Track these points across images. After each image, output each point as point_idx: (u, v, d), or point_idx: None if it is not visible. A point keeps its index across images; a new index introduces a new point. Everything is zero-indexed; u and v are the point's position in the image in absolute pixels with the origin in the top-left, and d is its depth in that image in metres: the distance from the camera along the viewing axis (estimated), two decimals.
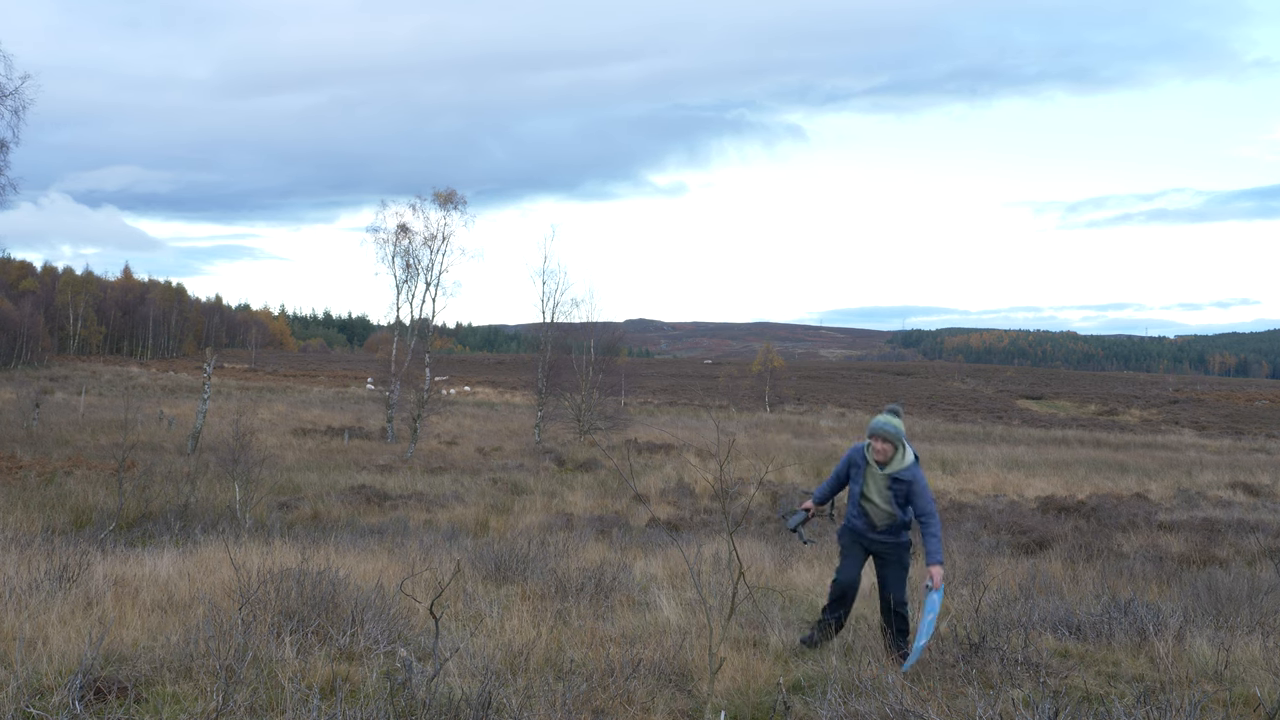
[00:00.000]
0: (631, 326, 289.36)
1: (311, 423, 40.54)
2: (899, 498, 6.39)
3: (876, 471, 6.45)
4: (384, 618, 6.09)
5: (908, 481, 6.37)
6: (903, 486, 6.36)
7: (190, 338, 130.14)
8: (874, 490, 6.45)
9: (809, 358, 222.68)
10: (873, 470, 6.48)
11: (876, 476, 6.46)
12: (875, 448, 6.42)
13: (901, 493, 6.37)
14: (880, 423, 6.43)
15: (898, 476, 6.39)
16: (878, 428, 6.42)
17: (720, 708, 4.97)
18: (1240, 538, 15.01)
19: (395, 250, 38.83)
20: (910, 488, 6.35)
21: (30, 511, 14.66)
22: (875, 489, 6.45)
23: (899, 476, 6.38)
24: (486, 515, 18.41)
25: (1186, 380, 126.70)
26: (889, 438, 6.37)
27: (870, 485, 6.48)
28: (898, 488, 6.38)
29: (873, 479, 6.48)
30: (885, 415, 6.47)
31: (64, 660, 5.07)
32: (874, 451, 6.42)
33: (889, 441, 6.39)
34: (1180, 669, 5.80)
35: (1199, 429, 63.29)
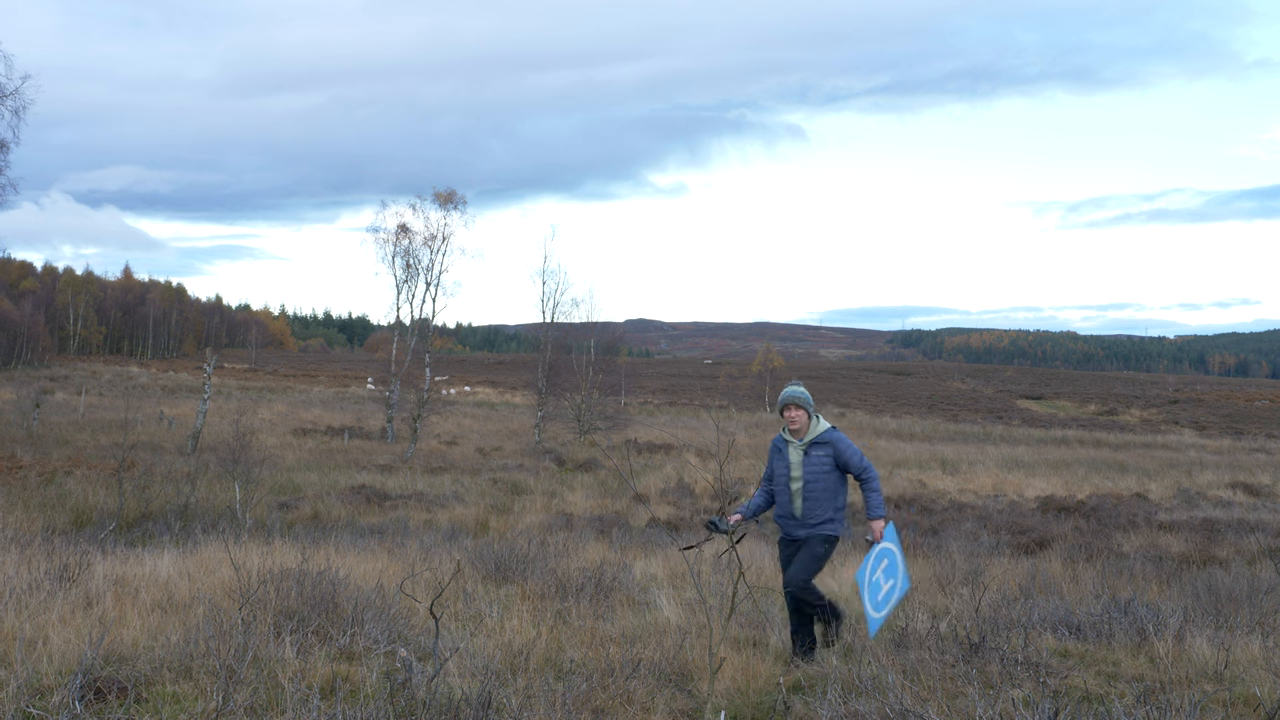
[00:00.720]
0: (631, 326, 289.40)
1: (311, 423, 40.54)
2: (824, 466, 6.27)
3: (796, 445, 6.36)
4: (384, 618, 6.09)
5: (828, 444, 6.30)
6: (825, 451, 6.27)
7: (190, 338, 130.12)
8: (798, 468, 6.31)
9: (809, 358, 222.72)
10: (793, 446, 6.38)
11: (796, 451, 6.35)
12: (789, 417, 6.35)
13: (825, 459, 6.27)
14: (790, 391, 6.39)
15: (817, 441, 6.32)
16: (788, 395, 6.38)
17: (720, 708, 4.97)
18: (1240, 538, 15.01)
19: (395, 250, 38.88)
20: (834, 449, 6.28)
21: (30, 511, 14.66)
22: (799, 466, 6.31)
23: (818, 440, 6.32)
24: (486, 515, 18.41)
25: (1186, 380, 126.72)
26: (800, 402, 6.32)
27: (794, 464, 6.34)
28: (820, 454, 6.28)
29: (794, 456, 6.36)
30: (792, 387, 6.40)
31: (64, 660, 5.08)
32: (789, 422, 6.35)
33: (801, 407, 6.33)
34: (1180, 669, 5.80)
35: (1199, 429, 63.30)
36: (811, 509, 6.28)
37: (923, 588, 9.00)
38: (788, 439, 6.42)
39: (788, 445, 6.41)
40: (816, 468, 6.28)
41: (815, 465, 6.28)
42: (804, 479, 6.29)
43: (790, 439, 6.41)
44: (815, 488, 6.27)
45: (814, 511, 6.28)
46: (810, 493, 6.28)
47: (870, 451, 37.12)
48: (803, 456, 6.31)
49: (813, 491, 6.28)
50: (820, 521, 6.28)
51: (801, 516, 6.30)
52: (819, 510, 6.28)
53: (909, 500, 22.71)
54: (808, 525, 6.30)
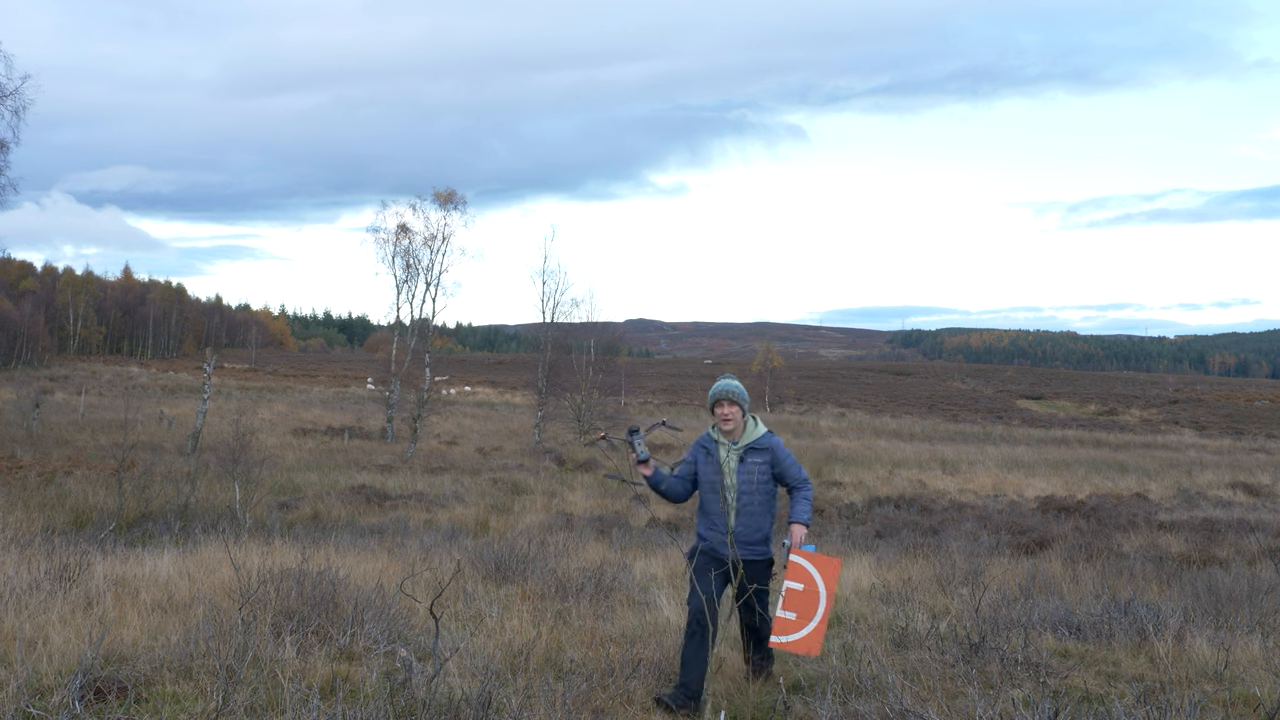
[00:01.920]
0: (631, 326, 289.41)
1: (311, 423, 40.54)
2: (762, 475, 5.54)
3: (729, 449, 5.61)
4: (384, 618, 6.09)
5: (766, 450, 5.57)
6: (762, 458, 5.54)
7: (190, 338, 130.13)
8: (730, 475, 5.57)
9: (809, 358, 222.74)
10: (724, 448, 5.62)
11: (730, 456, 5.60)
12: (722, 414, 5.58)
13: (763, 468, 5.54)
14: (723, 385, 5.62)
15: (754, 446, 5.57)
16: (721, 390, 5.61)
17: (720, 708, 4.97)
18: (1240, 538, 15.00)
19: (395, 250, 38.89)
20: (772, 456, 5.56)
21: (30, 511, 14.66)
22: (731, 473, 5.57)
23: (755, 445, 5.57)
24: (486, 515, 18.41)
25: (1186, 380, 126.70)
26: (735, 398, 5.55)
27: (725, 471, 5.58)
28: (757, 462, 5.54)
29: (726, 462, 5.60)
30: (725, 380, 5.67)
31: (64, 660, 5.08)
32: (721, 420, 5.58)
33: (735, 403, 5.56)
34: (1180, 669, 5.80)
35: (1199, 429, 63.30)
36: (747, 525, 5.53)
37: (923, 587, 9.00)
38: (718, 440, 5.65)
39: (718, 447, 5.64)
40: (753, 477, 5.54)
41: (752, 474, 5.54)
42: (739, 489, 5.54)
43: (721, 440, 5.65)
44: (752, 500, 5.53)
45: (750, 528, 5.54)
46: (746, 505, 5.53)
47: (870, 451, 37.11)
48: (737, 463, 5.57)
49: (749, 504, 5.53)
50: (759, 540, 5.57)
51: (736, 533, 5.54)
52: (755, 525, 5.54)
53: (909, 500, 22.71)
54: (743, 543, 5.52)
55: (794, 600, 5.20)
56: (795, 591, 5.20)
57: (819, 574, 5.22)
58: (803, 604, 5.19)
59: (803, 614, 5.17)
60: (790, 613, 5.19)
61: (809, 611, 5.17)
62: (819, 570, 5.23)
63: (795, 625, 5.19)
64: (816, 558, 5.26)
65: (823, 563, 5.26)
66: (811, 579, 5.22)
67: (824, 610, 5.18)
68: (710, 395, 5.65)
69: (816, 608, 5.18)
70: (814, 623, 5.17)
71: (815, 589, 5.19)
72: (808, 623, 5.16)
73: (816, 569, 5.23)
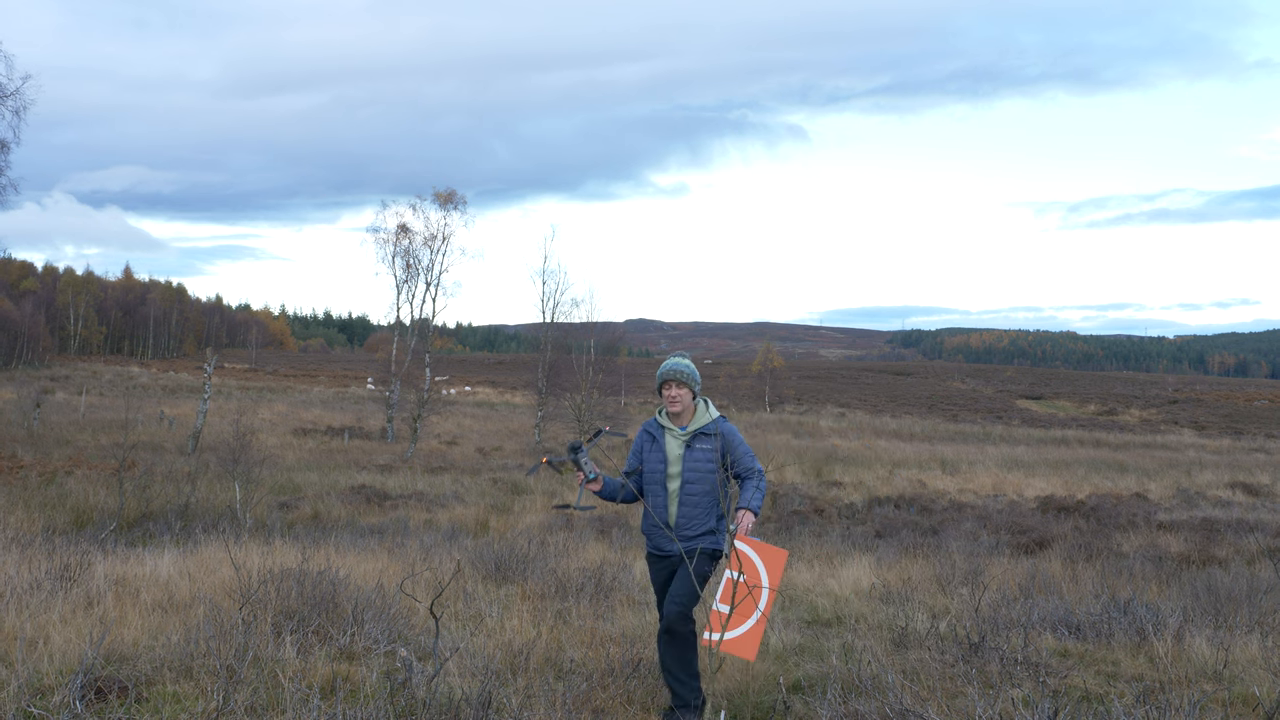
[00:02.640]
0: (631, 326, 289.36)
1: (311, 423, 40.54)
2: (710, 463, 5.09)
3: (676, 434, 5.18)
4: (384, 618, 6.10)
5: (717, 435, 5.13)
6: (712, 444, 5.11)
7: (191, 338, 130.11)
8: (678, 463, 5.13)
9: (809, 358, 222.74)
10: (671, 434, 5.19)
11: (676, 441, 5.17)
12: (669, 396, 5.15)
13: (711, 454, 5.10)
14: (671, 364, 5.19)
15: (703, 431, 5.15)
16: (669, 369, 5.18)
17: (720, 708, 4.98)
18: (1239, 537, 15.01)
19: (395, 250, 38.91)
20: (724, 443, 5.13)
21: (31, 511, 14.66)
22: (679, 460, 5.13)
23: (705, 431, 5.15)
24: (486, 515, 18.42)
25: (1186, 380, 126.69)
26: (684, 378, 5.14)
27: (673, 458, 5.15)
28: (706, 448, 5.11)
29: (672, 448, 5.17)
30: (674, 358, 5.25)
31: (65, 660, 5.08)
32: (668, 403, 5.16)
33: (684, 384, 5.14)
34: (1179, 669, 5.80)
35: (1198, 429, 63.30)
36: (690, 516, 5.09)
37: (923, 587, 9.01)
38: (665, 425, 5.22)
39: (664, 433, 5.21)
40: (700, 464, 5.09)
41: (699, 461, 5.09)
42: (684, 477, 5.11)
43: (668, 425, 5.21)
44: (697, 490, 5.09)
45: (693, 519, 5.09)
46: (690, 495, 5.09)
47: (870, 451, 37.10)
48: (684, 449, 5.13)
49: (693, 494, 5.09)
50: (701, 532, 5.08)
51: (676, 525, 5.11)
52: (699, 517, 5.09)
53: (909, 500, 22.71)
54: (684, 536, 5.09)
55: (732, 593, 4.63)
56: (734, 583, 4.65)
57: (764, 565, 4.70)
58: (741, 598, 4.65)
59: (741, 609, 4.63)
60: (726, 607, 4.59)
61: (747, 607, 4.64)
62: (764, 561, 4.70)
63: (732, 622, 4.62)
64: (762, 547, 4.77)
65: (769, 553, 4.76)
66: (755, 570, 4.71)
67: (765, 607, 4.67)
68: (657, 376, 5.22)
69: (756, 604, 4.67)
70: (752, 620, 4.65)
71: (758, 582, 4.69)
72: (745, 619, 4.63)
73: (761, 559, 4.72)
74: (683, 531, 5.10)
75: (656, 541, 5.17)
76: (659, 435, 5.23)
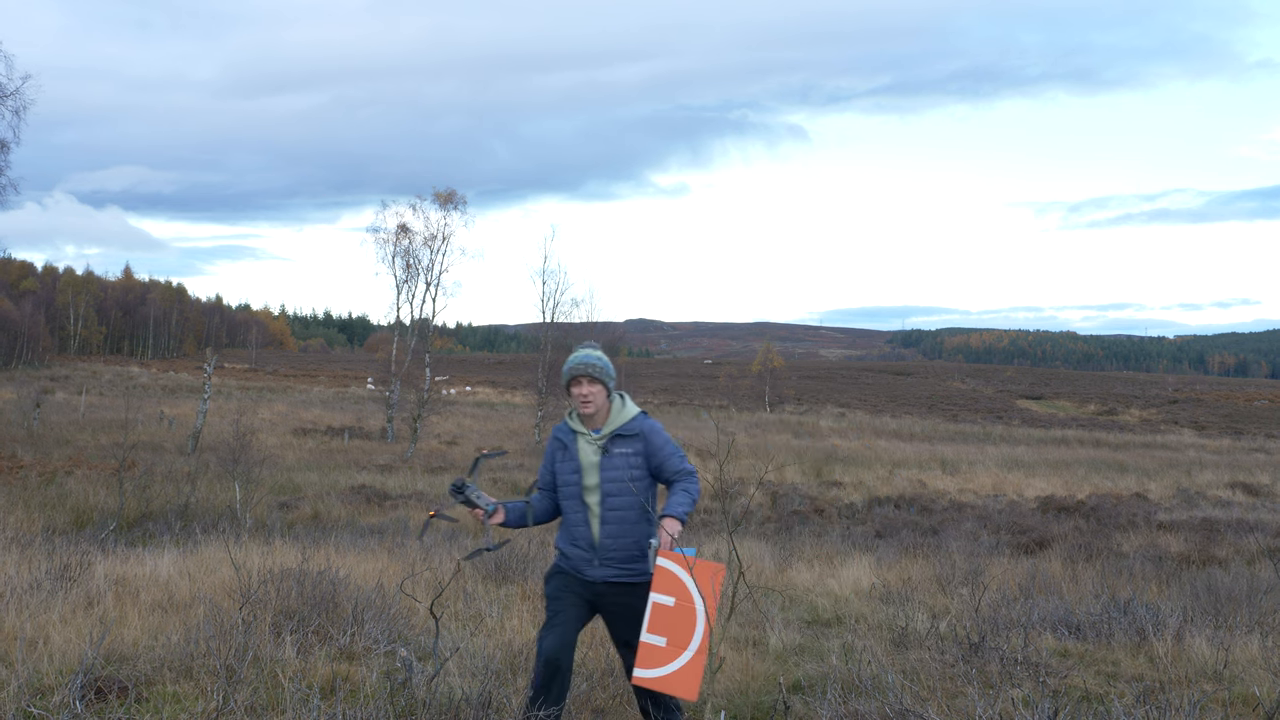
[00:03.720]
0: (631, 326, 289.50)
1: (311, 423, 40.55)
2: (634, 469, 4.31)
3: (589, 439, 4.37)
4: (384, 618, 6.10)
5: (638, 436, 4.34)
6: (634, 447, 4.33)
7: (191, 338, 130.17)
8: (594, 471, 4.34)
9: (809, 358, 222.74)
10: (584, 439, 4.38)
11: (590, 448, 4.36)
12: (579, 395, 4.34)
13: (635, 459, 4.32)
14: (580, 357, 4.37)
15: (620, 433, 4.34)
16: (577, 363, 4.35)
17: (720, 708, 4.98)
18: (1239, 537, 15.01)
19: (395, 250, 38.92)
20: (647, 444, 4.33)
21: (31, 511, 14.66)
22: (595, 469, 4.34)
23: (624, 432, 4.34)
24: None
25: (1186, 380, 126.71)
26: (596, 373, 4.32)
27: (586, 468, 4.35)
28: (625, 453, 4.32)
29: (586, 455, 4.36)
30: (583, 350, 4.41)
31: (65, 660, 5.08)
32: (579, 403, 4.35)
33: (596, 380, 4.32)
34: (1179, 669, 5.80)
35: (1198, 429, 63.31)
36: (616, 535, 4.30)
37: (923, 587, 9.01)
38: (577, 429, 4.42)
39: (576, 438, 4.40)
40: (621, 472, 4.30)
41: (619, 469, 4.31)
42: (603, 489, 4.31)
43: (580, 428, 4.41)
44: (621, 503, 4.30)
45: (620, 539, 4.30)
46: (613, 511, 4.30)
47: (870, 451, 37.10)
48: (600, 456, 4.34)
49: (616, 509, 4.30)
50: (633, 556, 4.30)
51: (601, 547, 4.30)
52: (628, 536, 4.30)
53: (909, 500, 22.72)
54: (613, 562, 4.29)
55: (662, 620, 3.99)
56: (663, 609, 3.99)
57: (695, 584, 3.99)
58: (674, 625, 3.97)
59: (674, 638, 3.96)
60: (658, 637, 3.97)
61: (682, 636, 3.95)
62: (696, 579, 3.99)
63: (664, 655, 3.96)
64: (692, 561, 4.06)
65: (700, 569, 4.01)
66: (685, 590, 3.99)
67: (703, 635, 3.93)
68: (564, 372, 4.40)
69: (692, 631, 3.94)
70: (689, 652, 3.94)
71: (690, 605, 3.96)
72: (681, 652, 3.94)
73: (692, 578, 4.00)
74: (608, 554, 4.30)
75: (575, 565, 4.36)
76: (570, 442, 4.41)
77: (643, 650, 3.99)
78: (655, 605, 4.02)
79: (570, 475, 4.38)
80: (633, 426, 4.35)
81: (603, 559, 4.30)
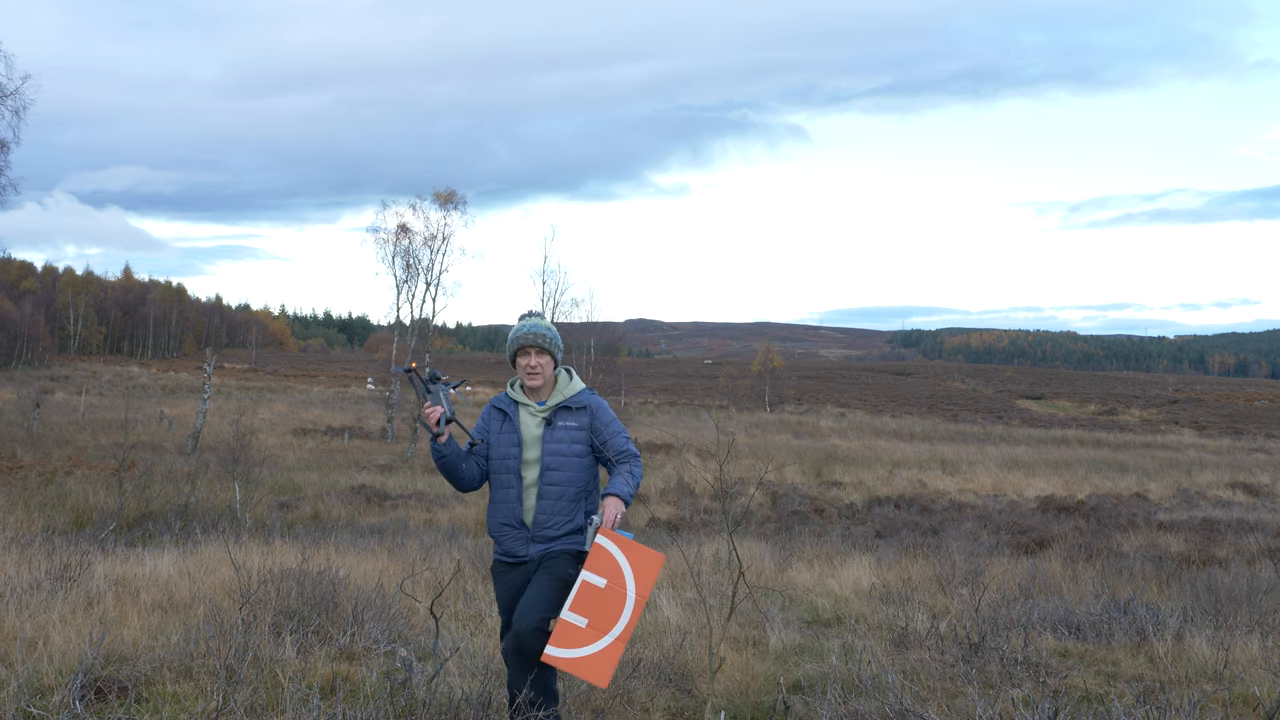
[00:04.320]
0: (631, 326, 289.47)
1: (311, 423, 40.55)
2: (577, 446, 4.17)
3: (533, 410, 4.22)
4: (384, 617, 6.10)
5: (584, 410, 4.22)
6: (577, 421, 4.19)
7: (190, 338, 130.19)
8: (533, 447, 4.19)
9: (809, 358, 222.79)
10: (527, 410, 4.24)
11: (534, 420, 4.22)
12: (526, 365, 4.20)
13: (577, 435, 4.18)
14: (528, 326, 4.21)
15: (566, 405, 4.22)
16: (525, 332, 4.19)
17: (720, 708, 4.98)
18: (1240, 537, 15.01)
19: (395, 250, 38.96)
20: (593, 418, 4.21)
21: (30, 511, 14.66)
22: (534, 443, 4.19)
23: (569, 404, 4.22)
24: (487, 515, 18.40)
25: (1186, 380, 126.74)
26: (545, 343, 4.18)
27: (527, 441, 4.20)
28: (570, 426, 4.18)
29: (529, 427, 4.21)
30: (530, 320, 4.23)
31: (64, 660, 5.08)
32: (525, 374, 4.21)
33: (545, 351, 4.19)
34: (1180, 669, 5.80)
35: (1199, 429, 63.32)
36: (552, 512, 4.15)
37: (923, 587, 9.01)
38: (520, 400, 4.26)
39: (519, 409, 4.25)
40: (565, 447, 4.16)
41: (563, 443, 4.16)
42: (543, 464, 4.16)
43: (524, 400, 4.25)
44: (561, 479, 4.15)
45: (555, 516, 4.15)
46: (552, 486, 4.15)
47: (870, 451, 37.11)
48: (543, 428, 4.19)
49: (556, 484, 4.15)
50: (566, 531, 4.15)
51: (534, 524, 4.15)
52: (564, 513, 4.16)
53: (909, 500, 22.72)
54: (544, 538, 4.15)
55: (589, 600, 3.77)
56: (593, 589, 3.79)
57: (631, 569, 3.80)
58: (600, 607, 3.75)
59: (597, 621, 3.74)
60: (580, 617, 3.74)
61: (606, 620, 3.74)
62: (632, 564, 3.80)
63: (583, 636, 3.71)
64: (632, 546, 3.86)
65: (639, 555, 3.83)
66: (619, 574, 3.80)
67: (628, 622, 3.74)
68: (510, 341, 4.24)
69: (618, 616, 3.75)
70: (610, 637, 3.73)
71: (622, 589, 3.79)
72: (601, 636, 3.72)
73: (629, 561, 3.81)
74: (542, 531, 4.14)
75: (508, 546, 4.19)
76: (512, 413, 4.24)
77: (560, 628, 3.75)
78: (584, 584, 3.83)
79: (509, 448, 4.21)
80: (580, 399, 4.23)
81: (536, 536, 4.15)
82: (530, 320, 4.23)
